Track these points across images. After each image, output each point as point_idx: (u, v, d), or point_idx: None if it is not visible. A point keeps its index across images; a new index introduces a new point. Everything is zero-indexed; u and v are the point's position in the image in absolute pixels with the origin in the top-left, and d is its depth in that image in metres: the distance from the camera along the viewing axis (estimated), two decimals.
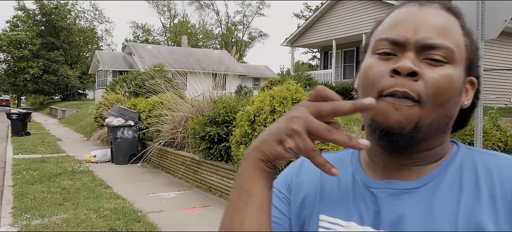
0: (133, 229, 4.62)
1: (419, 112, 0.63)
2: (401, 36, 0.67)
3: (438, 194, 0.65)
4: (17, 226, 4.73)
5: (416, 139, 0.65)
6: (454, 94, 0.66)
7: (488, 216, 0.61)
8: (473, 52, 0.71)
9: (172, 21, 65.91)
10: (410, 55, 0.65)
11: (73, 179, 7.48)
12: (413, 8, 0.69)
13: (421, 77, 0.64)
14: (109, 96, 14.35)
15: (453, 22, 0.69)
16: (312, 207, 0.74)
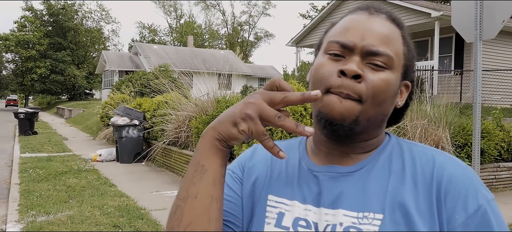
0: (136, 226, 4.69)
1: (359, 109, 0.72)
2: (350, 41, 0.75)
3: (371, 176, 0.75)
4: (23, 222, 4.82)
5: (355, 131, 0.74)
6: (390, 96, 0.76)
7: (410, 195, 0.71)
8: (410, 60, 0.80)
9: (178, 22, 66.17)
10: (356, 59, 0.74)
11: (79, 177, 7.58)
12: (363, 16, 0.78)
13: (364, 79, 0.73)
14: (115, 96, 14.46)
15: (396, 32, 0.78)
16: (262, 188, 0.82)
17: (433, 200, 0.70)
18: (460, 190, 0.70)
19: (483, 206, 0.70)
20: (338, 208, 0.73)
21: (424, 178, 0.73)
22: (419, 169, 0.74)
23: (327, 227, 0.73)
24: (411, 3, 14.55)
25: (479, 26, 3.60)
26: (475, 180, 0.73)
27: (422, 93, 7.85)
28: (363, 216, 0.72)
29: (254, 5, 79.67)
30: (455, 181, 0.71)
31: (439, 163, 0.74)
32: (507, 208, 6.07)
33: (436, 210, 0.70)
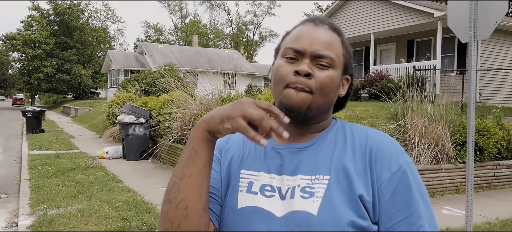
0: (144, 219, 4.87)
1: (311, 99, 0.94)
2: (301, 47, 0.96)
3: (321, 149, 0.98)
4: (34, 215, 5.00)
5: (309, 116, 0.96)
6: (334, 88, 0.98)
7: (350, 161, 0.94)
8: (348, 59, 1.03)
9: (183, 21, 66.42)
10: (307, 61, 0.95)
11: (87, 174, 7.77)
12: (310, 26, 1.00)
13: (313, 77, 0.94)
14: (121, 95, 14.67)
15: (336, 39, 1.00)
16: (236, 165, 1.03)
17: (366, 163, 0.93)
18: (386, 156, 0.93)
19: (403, 166, 0.92)
20: (297, 175, 0.95)
21: (360, 148, 0.95)
22: (356, 141, 0.97)
23: (288, 190, 0.94)
24: (414, 3, 14.64)
25: (473, 26, 3.74)
26: (397, 148, 0.96)
27: (423, 93, 7.96)
28: (315, 178, 0.93)
29: (259, 5, 79.73)
30: (382, 149, 0.94)
31: (371, 136, 0.97)
32: (506, 205, 6.19)
33: (369, 171, 0.92)
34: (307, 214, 0.89)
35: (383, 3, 15.95)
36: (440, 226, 4.87)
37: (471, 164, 3.85)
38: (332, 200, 0.90)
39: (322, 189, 0.91)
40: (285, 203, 0.92)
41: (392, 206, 0.90)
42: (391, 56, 17.47)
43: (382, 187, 0.91)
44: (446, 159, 6.78)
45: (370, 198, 0.90)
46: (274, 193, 0.94)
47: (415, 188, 0.91)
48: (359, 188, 0.90)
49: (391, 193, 0.90)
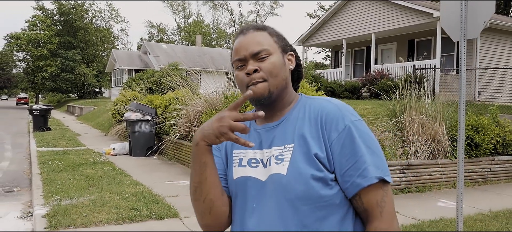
0: (153, 209, 5.13)
1: (267, 85, 1.21)
2: (242, 55, 1.23)
3: (288, 124, 1.24)
4: (49, 205, 5.27)
5: (272, 97, 1.23)
6: (280, 68, 1.24)
7: (307, 129, 1.20)
8: (281, 42, 1.29)
9: (186, 21, 66.70)
10: (251, 61, 1.23)
11: (95, 168, 8.04)
12: (241, 37, 1.27)
13: (261, 69, 1.21)
14: (127, 93, 14.95)
15: (262, 35, 1.26)
16: (229, 148, 1.33)
17: (319, 128, 1.18)
18: (333, 119, 1.18)
19: (347, 125, 1.16)
20: (272, 147, 1.22)
21: (314, 116, 1.21)
22: (312, 112, 1.22)
23: (267, 159, 1.22)
24: (414, 3, 14.86)
25: (464, 26, 3.98)
26: (344, 111, 1.19)
27: (421, 91, 8.20)
28: (284, 147, 1.20)
29: (262, 5, 79.92)
30: (330, 114, 1.19)
31: (321, 105, 1.22)
32: (500, 198, 6.42)
33: (321, 133, 1.18)
34: (280, 175, 1.18)
35: (384, 4, 16.17)
36: (435, 217, 5.11)
37: (462, 158, 4.10)
38: (296, 161, 1.17)
39: (289, 155, 1.18)
40: (266, 170, 1.21)
41: (342, 157, 1.15)
42: (392, 56, 17.69)
43: (332, 144, 1.16)
44: (442, 154, 7.02)
45: (324, 155, 1.16)
46: (258, 164, 1.23)
47: (360, 140, 1.15)
48: (314, 148, 1.16)
49: (340, 148, 1.15)
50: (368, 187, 1.14)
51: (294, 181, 1.15)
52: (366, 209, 1.16)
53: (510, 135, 7.87)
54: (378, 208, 1.15)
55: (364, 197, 1.15)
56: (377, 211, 1.15)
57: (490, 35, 14.03)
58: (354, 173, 1.14)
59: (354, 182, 1.14)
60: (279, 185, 1.18)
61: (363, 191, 1.15)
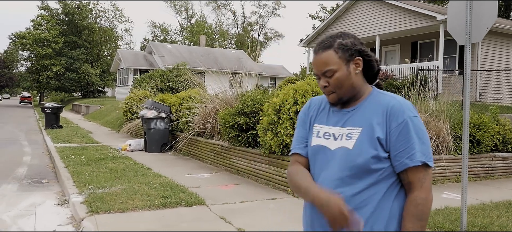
0: (181, 197, 5.57)
1: (336, 94, 1.65)
2: (316, 73, 1.68)
3: (358, 112, 1.65)
4: (84, 194, 5.71)
5: (343, 100, 1.67)
6: (344, 80, 1.63)
7: (374, 117, 1.60)
8: (346, 53, 1.64)
9: (189, 21, 67.15)
10: (322, 78, 1.66)
11: (116, 162, 8.47)
12: (314, 55, 1.68)
13: (329, 84, 1.64)
14: (138, 92, 15.38)
15: (328, 54, 1.63)
16: (313, 121, 1.76)
17: (384, 118, 1.59)
18: (395, 112, 1.57)
19: (405, 120, 1.56)
20: (345, 127, 1.64)
21: (382, 108, 1.61)
22: (381, 105, 1.62)
23: (338, 135, 1.64)
24: (417, 7, 15.30)
25: (468, 31, 4.42)
26: (405, 108, 1.58)
27: (425, 91, 8.63)
28: (353, 129, 1.62)
29: (264, 6, 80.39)
30: (394, 108, 1.58)
31: (390, 101, 1.61)
32: (500, 191, 6.85)
33: (385, 122, 1.58)
34: (347, 148, 1.60)
35: (388, 7, 16.61)
36: (440, 205, 5.55)
37: (466, 153, 4.54)
38: (360, 141, 1.58)
39: (357, 135, 1.60)
40: (336, 142, 1.64)
41: (397, 142, 1.56)
42: (395, 57, 18.13)
43: (392, 131, 1.57)
44: (446, 150, 7.46)
45: (384, 137, 1.57)
46: (330, 137, 1.67)
47: (413, 131, 1.56)
48: (378, 132, 1.58)
49: (397, 135, 1.56)
50: (413, 167, 1.55)
51: (356, 155, 1.57)
52: (410, 182, 1.57)
53: (510, 133, 8.32)
54: (419, 183, 1.55)
55: (410, 173, 1.56)
56: (418, 184, 1.56)
57: (491, 38, 14.47)
58: (404, 155, 1.55)
59: (403, 162, 1.56)
60: (344, 155, 1.60)
61: (409, 169, 1.55)
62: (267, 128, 6.60)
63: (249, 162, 7.40)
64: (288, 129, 6.27)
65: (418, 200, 1.55)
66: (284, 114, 6.39)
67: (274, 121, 6.49)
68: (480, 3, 4.38)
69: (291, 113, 6.35)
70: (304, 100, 6.33)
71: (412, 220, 1.54)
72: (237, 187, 6.68)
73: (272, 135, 6.50)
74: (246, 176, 7.42)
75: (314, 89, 6.50)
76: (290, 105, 6.40)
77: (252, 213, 5.23)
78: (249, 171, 7.38)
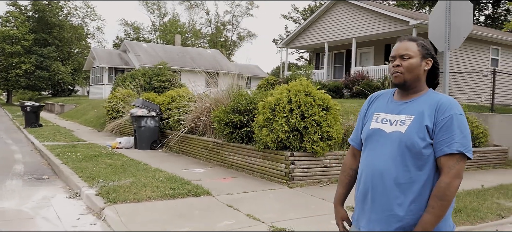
0: (187, 188, 6.03)
1: (403, 76, 1.99)
2: (393, 54, 2.04)
3: (413, 104, 1.98)
4: (95, 187, 6.07)
5: (406, 85, 2.01)
6: (414, 68, 1.98)
7: (426, 110, 1.92)
8: (425, 51, 2.01)
9: (161, 20, 66.75)
10: (398, 59, 2.01)
11: (112, 159, 8.80)
12: (398, 43, 2.06)
13: (401, 65, 1.99)
14: (122, 91, 15.58)
15: (411, 44, 2.01)
16: (373, 111, 2.12)
17: (433, 111, 1.88)
18: (443, 108, 1.87)
19: (451, 115, 1.85)
20: (400, 115, 1.97)
21: (434, 103, 1.91)
22: (433, 100, 1.93)
23: (394, 121, 1.98)
24: (392, 12, 16.20)
25: (447, 40, 5.10)
26: (452, 106, 1.87)
27: None
28: (407, 117, 1.94)
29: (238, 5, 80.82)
30: (443, 105, 1.88)
31: (441, 99, 1.91)
32: (470, 181, 7.59)
33: (434, 114, 1.87)
34: (400, 132, 1.92)
35: (365, 11, 17.46)
36: None
37: None
38: (412, 127, 1.89)
39: (409, 122, 1.91)
40: (391, 127, 1.97)
41: (441, 132, 1.85)
42: (370, 59, 19.03)
43: (438, 122, 1.86)
44: None
45: (431, 126, 1.87)
46: (387, 122, 2.00)
47: (456, 125, 1.84)
48: (427, 121, 1.88)
49: (441, 126, 1.85)
50: (448, 154, 1.84)
51: (407, 138, 1.90)
52: (442, 167, 1.85)
53: (477, 129, 9.18)
54: (448, 169, 1.83)
55: (443, 160, 1.85)
56: (446, 170, 1.83)
57: None
58: (444, 143, 1.85)
59: (442, 149, 1.85)
60: (398, 137, 1.93)
61: (444, 156, 1.84)
62: (263, 125, 7.13)
63: (243, 157, 7.91)
64: (283, 126, 6.83)
65: (442, 183, 1.83)
66: (279, 112, 6.94)
67: (269, 118, 7.02)
68: (458, 16, 5.07)
69: (286, 111, 6.91)
70: (297, 99, 6.91)
71: (434, 199, 1.84)
72: (235, 180, 7.19)
73: (267, 131, 7.04)
74: (240, 170, 7.92)
75: (305, 89, 7.09)
76: (285, 104, 6.96)
77: (255, 201, 5.76)
78: (243, 166, 7.88)
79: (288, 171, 6.85)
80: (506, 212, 5.71)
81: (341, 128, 7.35)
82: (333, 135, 7.03)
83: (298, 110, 6.88)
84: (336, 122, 7.19)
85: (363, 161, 2.09)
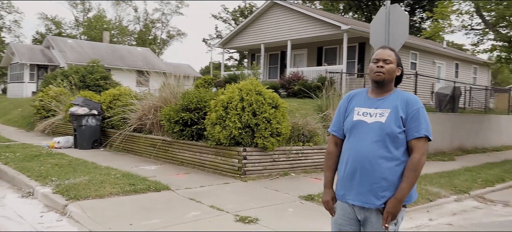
0: (147, 184, 6.16)
1: (384, 76, 2.53)
2: (379, 57, 2.56)
3: (387, 100, 2.54)
4: (50, 185, 5.98)
5: (384, 83, 2.55)
6: (393, 72, 2.57)
7: (398, 104, 2.49)
8: (398, 61, 2.61)
9: (86, 15, 63.69)
10: (381, 62, 2.55)
11: (55, 158, 8.53)
12: (381, 49, 2.61)
13: (384, 67, 2.53)
14: (55, 89, 14.94)
15: (392, 53, 2.59)
16: (354, 105, 2.61)
17: (405, 105, 2.46)
18: (412, 103, 2.47)
19: (418, 108, 2.46)
20: (378, 108, 2.50)
21: (404, 99, 2.49)
22: (402, 97, 2.51)
23: (373, 114, 2.50)
24: (325, 17, 17.23)
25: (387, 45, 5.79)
26: (417, 101, 2.49)
27: (333, 91, 10.16)
28: (384, 110, 2.48)
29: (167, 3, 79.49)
30: (411, 101, 2.47)
31: (408, 96, 2.52)
32: None
33: (405, 108, 2.45)
34: (381, 122, 2.42)
35: (299, 15, 18.34)
36: None
37: None
38: (390, 118, 2.40)
39: (387, 113, 2.41)
40: (372, 118, 2.45)
41: (411, 121, 2.40)
42: (303, 60, 20.01)
43: (408, 113, 2.40)
44: None
45: (405, 117, 2.40)
46: (367, 115, 2.48)
47: (422, 116, 2.40)
48: (401, 113, 2.41)
49: (411, 117, 2.39)
50: (418, 138, 2.40)
51: (387, 126, 2.41)
52: (413, 147, 2.40)
53: None
54: (418, 148, 2.39)
55: (414, 142, 2.41)
56: (417, 149, 2.39)
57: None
58: (414, 129, 2.42)
59: (412, 133, 2.41)
60: (379, 126, 2.43)
61: (415, 139, 2.40)
62: (216, 122, 7.44)
63: (194, 153, 8.15)
64: (236, 123, 7.19)
65: (414, 159, 2.39)
66: (232, 110, 7.29)
67: (222, 115, 7.35)
68: (396, 25, 5.78)
69: (238, 109, 7.28)
70: (249, 97, 7.31)
71: (408, 171, 2.40)
72: (188, 175, 7.41)
73: (220, 128, 7.35)
74: (191, 166, 8.15)
75: (256, 88, 7.52)
76: (237, 102, 7.33)
77: (214, 194, 6.06)
78: (194, 162, 8.12)
79: (241, 165, 7.23)
80: (433, 196, 6.58)
81: (289, 125, 7.88)
82: (282, 131, 7.52)
83: (250, 108, 7.28)
84: (284, 119, 7.70)
85: (349, 147, 2.54)
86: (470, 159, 11.68)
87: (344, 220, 2.58)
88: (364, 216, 2.50)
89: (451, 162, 10.84)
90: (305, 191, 6.32)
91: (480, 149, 13.89)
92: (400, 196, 2.38)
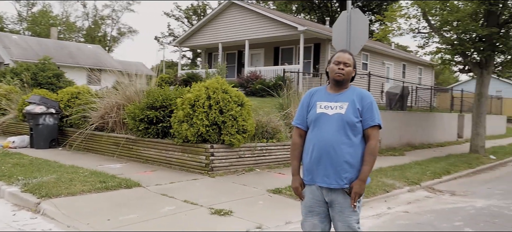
0: (117, 180, 6.21)
1: (343, 77, 2.95)
2: (340, 60, 2.98)
3: (345, 95, 2.95)
4: (17, 184, 5.89)
5: (343, 82, 2.97)
6: (351, 73, 3.00)
7: (354, 98, 2.93)
8: (354, 63, 3.04)
9: (30, 10, 60.72)
10: (341, 64, 2.97)
11: (14, 158, 8.30)
12: (341, 53, 3.04)
13: (344, 69, 2.95)
14: (5, 86, 14.35)
15: (350, 57, 3.03)
16: (315, 100, 3.00)
17: (360, 99, 2.91)
18: (365, 97, 2.93)
19: (371, 101, 2.93)
20: (337, 102, 2.91)
21: (358, 94, 2.94)
22: (357, 93, 2.95)
23: (334, 107, 2.91)
24: (282, 18, 17.68)
25: (348, 47, 6.21)
26: (369, 95, 2.97)
27: (290, 90, 10.57)
28: (343, 103, 2.91)
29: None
30: (364, 95, 2.93)
31: (362, 91, 2.97)
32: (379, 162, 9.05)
33: (360, 101, 2.89)
34: (341, 113, 2.85)
35: (257, 15, 18.69)
36: None
37: None
38: (349, 110, 2.85)
39: (345, 106, 2.85)
40: (332, 111, 2.87)
41: (366, 112, 2.86)
42: (260, 60, 20.38)
43: (363, 106, 2.86)
44: None
45: (361, 109, 2.86)
46: (328, 108, 2.89)
47: (374, 108, 2.89)
48: (357, 105, 2.86)
49: (366, 109, 2.86)
50: (373, 126, 2.84)
51: (347, 117, 2.83)
52: (369, 135, 2.85)
53: None
54: (373, 135, 2.85)
55: (369, 130, 2.85)
56: (372, 136, 2.84)
57: None
58: (369, 119, 2.85)
59: (368, 123, 2.85)
60: (339, 117, 2.83)
61: (370, 127, 2.84)
62: (183, 120, 7.58)
63: (160, 151, 8.23)
64: (203, 120, 7.37)
65: (371, 145, 2.86)
66: (199, 107, 7.47)
67: (189, 113, 7.50)
68: (356, 28, 6.22)
69: (205, 107, 7.46)
70: (216, 96, 7.52)
71: (367, 155, 2.85)
72: (155, 173, 7.49)
73: (187, 126, 7.50)
74: (157, 164, 8.22)
75: (222, 87, 7.73)
76: (204, 100, 7.51)
77: (185, 190, 6.22)
78: (160, 160, 8.20)
79: (208, 162, 7.42)
80: (389, 187, 7.11)
81: (253, 122, 8.16)
82: (247, 128, 7.79)
83: (217, 106, 7.48)
84: (250, 116, 7.97)
85: (313, 136, 2.93)
86: (418, 154, 12.53)
87: (313, 202, 2.95)
88: (331, 198, 2.88)
89: (402, 156, 11.59)
90: (272, 185, 6.62)
91: (426, 144, 14.87)
92: (364, 177, 2.83)
